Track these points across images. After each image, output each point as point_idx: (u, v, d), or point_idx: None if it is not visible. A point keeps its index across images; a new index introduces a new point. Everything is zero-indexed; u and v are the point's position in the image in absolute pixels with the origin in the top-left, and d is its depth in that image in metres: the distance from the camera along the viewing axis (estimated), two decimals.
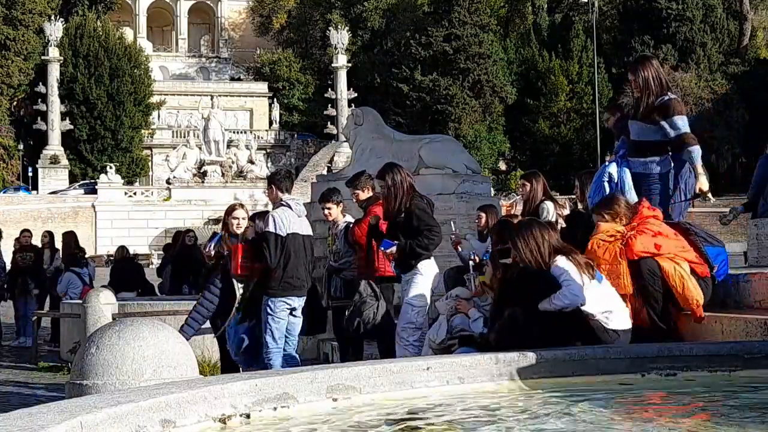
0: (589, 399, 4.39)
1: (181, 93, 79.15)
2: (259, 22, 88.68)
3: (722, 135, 64.29)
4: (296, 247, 8.45)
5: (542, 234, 6.36)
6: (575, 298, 6.13)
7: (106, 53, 66.70)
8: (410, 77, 69.92)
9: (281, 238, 8.31)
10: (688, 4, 69.64)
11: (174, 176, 59.24)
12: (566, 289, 6.12)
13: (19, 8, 67.37)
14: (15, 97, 68.88)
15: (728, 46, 71.89)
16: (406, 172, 8.35)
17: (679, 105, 7.51)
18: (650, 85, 7.46)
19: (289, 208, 8.56)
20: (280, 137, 75.82)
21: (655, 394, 4.60)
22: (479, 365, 4.71)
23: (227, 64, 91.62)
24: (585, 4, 71.86)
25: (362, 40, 75.22)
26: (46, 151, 64.55)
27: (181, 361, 4.86)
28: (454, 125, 67.76)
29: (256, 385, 4.00)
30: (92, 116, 65.74)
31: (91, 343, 4.88)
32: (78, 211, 57.59)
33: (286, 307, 8.40)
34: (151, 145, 72.09)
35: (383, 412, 4.14)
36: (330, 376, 4.29)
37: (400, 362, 4.71)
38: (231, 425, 3.81)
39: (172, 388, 3.83)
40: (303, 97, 77.91)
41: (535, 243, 6.29)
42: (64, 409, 3.25)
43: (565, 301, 6.14)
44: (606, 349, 5.15)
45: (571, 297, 6.13)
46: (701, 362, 4.87)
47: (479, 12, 71.65)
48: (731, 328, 6.25)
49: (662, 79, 7.55)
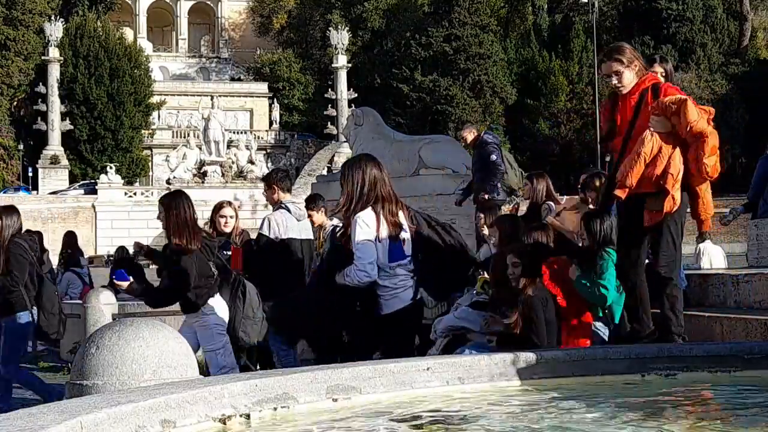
0: (589, 399, 4.39)
1: (181, 93, 79.14)
2: (259, 23, 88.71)
3: (722, 135, 64.13)
4: (293, 250, 8.38)
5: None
6: (362, 276, 5.75)
7: (106, 53, 66.71)
8: (410, 77, 69.94)
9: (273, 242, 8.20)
10: (688, 4, 69.69)
11: (174, 176, 59.22)
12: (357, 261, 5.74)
13: (19, 8, 67.39)
14: (15, 97, 68.91)
15: (728, 47, 71.95)
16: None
17: None
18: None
19: (288, 212, 8.49)
20: (280, 137, 75.83)
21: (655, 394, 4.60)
22: (479, 365, 4.71)
23: (227, 64, 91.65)
24: (585, 4, 71.84)
25: (362, 40, 75.24)
26: (46, 152, 64.55)
27: (181, 362, 4.86)
28: (454, 125, 67.75)
29: (256, 386, 4.00)
30: (92, 116, 65.74)
31: (91, 343, 4.88)
32: (78, 212, 57.59)
33: None
34: (151, 146, 72.09)
35: (383, 412, 4.14)
36: (330, 377, 4.29)
37: (400, 362, 4.71)
38: (231, 425, 3.81)
39: (172, 388, 3.83)
40: (303, 98, 77.93)
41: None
42: (64, 409, 3.25)
43: (347, 278, 5.79)
44: (606, 350, 5.16)
45: (356, 274, 5.75)
46: (701, 363, 4.87)
47: (479, 12, 71.67)
48: (731, 328, 6.26)
49: None
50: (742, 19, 73.98)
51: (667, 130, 6.08)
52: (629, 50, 6.41)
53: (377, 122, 14.75)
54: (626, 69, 6.29)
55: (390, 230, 5.78)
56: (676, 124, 6.05)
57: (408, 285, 5.91)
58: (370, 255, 5.70)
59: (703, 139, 6.01)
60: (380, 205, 5.81)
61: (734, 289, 7.20)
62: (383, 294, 5.86)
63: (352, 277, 5.73)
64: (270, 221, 8.30)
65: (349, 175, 5.92)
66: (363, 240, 5.71)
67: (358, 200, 5.83)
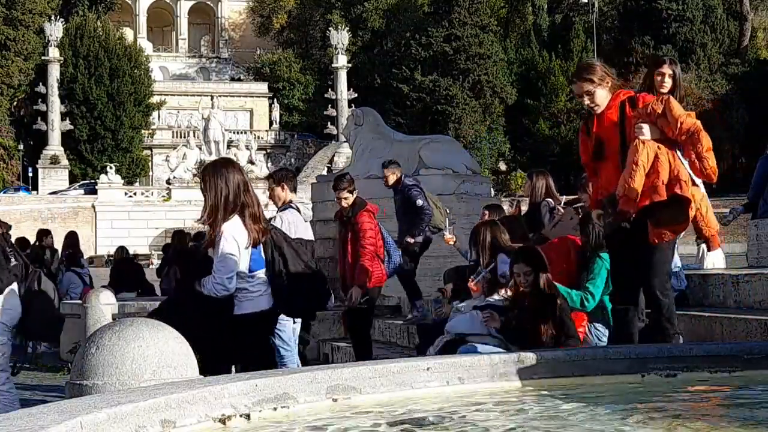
0: (590, 399, 4.39)
1: (182, 93, 79.16)
2: (260, 23, 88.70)
3: (722, 135, 64.25)
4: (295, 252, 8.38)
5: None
6: (220, 289, 5.64)
7: (107, 53, 66.71)
8: (410, 78, 69.93)
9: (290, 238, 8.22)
10: (688, 4, 69.68)
11: (174, 176, 59.27)
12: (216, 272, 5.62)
13: (19, 8, 67.38)
14: (15, 97, 68.90)
15: (728, 47, 71.93)
16: None
17: None
18: None
19: (298, 212, 8.44)
20: (280, 137, 75.84)
21: (655, 394, 4.60)
22: (479, 366, 4.71)
23: (227, 64, 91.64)
24: (585, 4, 71.94)
25: (362, 40, 75.23)
26: (46, 152, 64.56)
27: (181, 362, 4.86)
28: (454, 126, 67.77)
29: (256, 386, 4.00)
30: (92, 116, 65.75)
31: (91, 343, 4.88)
32: (78, 212, 57.59)
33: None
34: (151, 146, 72.10)
35: (383, 412, 4.14)
36: (330, 377, 4.29)
37: (400, 362, 4.71)
38: (231, 425, 3.81)
39: (172, 388, 3.83)
40: (303, 98, 77.93)
41: None
42: (64, 409, 3.25)
43: (204, 288, 5.68)
44: (606, 350, 5.16)
45: (213, 286, 5.65)
46: (701, 363, 4.87)
47: (479, 12, 71.67)
48: (731, 328, 6.26)
49: None
50: (742, 19, 73.96)
51: (656, 137, 5.83)
52: (600, 68, 6.19)
53: (377, 122, 14.76)
54: (598, 88, 6.06)
55: (255, 237, 5.67)
56: (663, 126, 5.81)
57: (264, 291, 5.82)
58: (230, 269, 5.60)
59: (697, 135, 5.77)
60: (246, 212, 5.68)
61: (734, 289, 7.20)
62: (238, 295, 5.76)
63: (209, 288, 5.64)
64: (281, 220, 8.24)
65: (211, 183, 5.71)
66: (226, 253, 5.59)
67: (224, 209, 5.66)
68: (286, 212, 8.33)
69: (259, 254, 5.81)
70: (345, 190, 9.01)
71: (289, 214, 8.30)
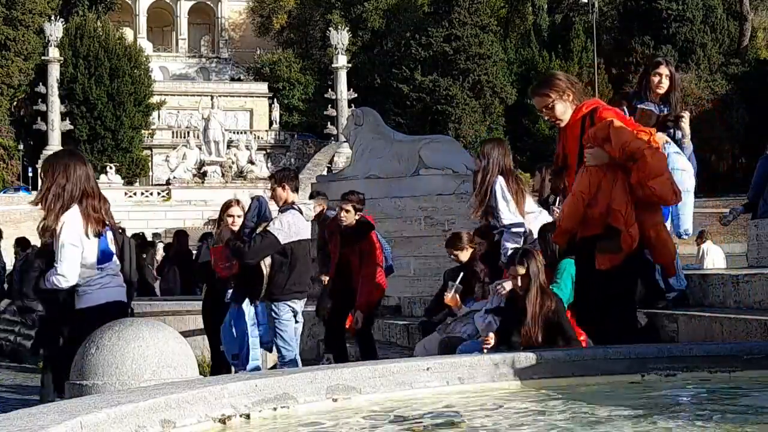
0: (589, 399, 4.39)
1: (182, 93, 79.16)
2: (259, 23, 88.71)
3: (722, 135, 64.31)
4: (303, 252, 8.35)
5: None
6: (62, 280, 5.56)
7: (107, 53, 66.72)
8: (410, 78, 69.93)
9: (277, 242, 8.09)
10: (688, 4, 69.68)
11: (174, 176, 59.22)
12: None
13: (19, 8, 67.39)
14: (15, 97, 68.90)
15: (728, 47, 71.94)
16: None
17: None
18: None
19: (300, 213, 8.43)
20: (280, 137, 75.84)
21: (655, 394, 4.60)
22: (479, 366, 4.71)
23: (227, 64, 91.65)
24: (585, 4, 71.88)
25: (362, 40, 75.23)
26: (46, 152, 64.46)
27: (181, 362, 4.86)
28: (454, 126, 67.77)
29: (256, 386, 4.01)
30: (92, 116, 65.75)
31: (91, 343, 4.88)
32: None
33: (290, 311, 8.34)
34: (151, 146, 72.10)
35: (383, 412, 4.14)
36: (330, 377, 4.29)
37: (400, 363, 4.71)
38: (231, 425, 3.81)
39: (172, 388, 3.83)
40: (303, 98, 77.93)
41: None
42: (64, 409, 3.25)
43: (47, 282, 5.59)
44: (606, 350, 5.15)
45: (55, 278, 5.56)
46: (701, 363, 4.87)
47: (479, 12, 71.68)
48: (731, 328, 6.25)
49: None
50: (742, 20, 73.97)
51: (604, 162, 5.59)
52: (561, 81, 6.02)
53: (377, 122, 14.75)
54: (557, 102, 5.91)
55: (94, 228, 5.62)
56: (609, 151, 5.56)
57: (107, 284, 5.76)
58: (71, 259, 5.53)
59: (642, 161, 5.48)
60: (86, 203, 5.63)
61: (734, 289, 7.20)
62: (80, 289, 5.69)
63: (52, 281, 5.58)
64: (282, 222, 8.18)
65: (51, 173, 5.65)
66: (67, 243, 5.53)
67: (63, 200, 5.60)
68: (285, 213, 8.27)
69: (107, 246, 5.74)
70: (350, 203, 8.94)
71: (289, 215, 8.24)
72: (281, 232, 8.11)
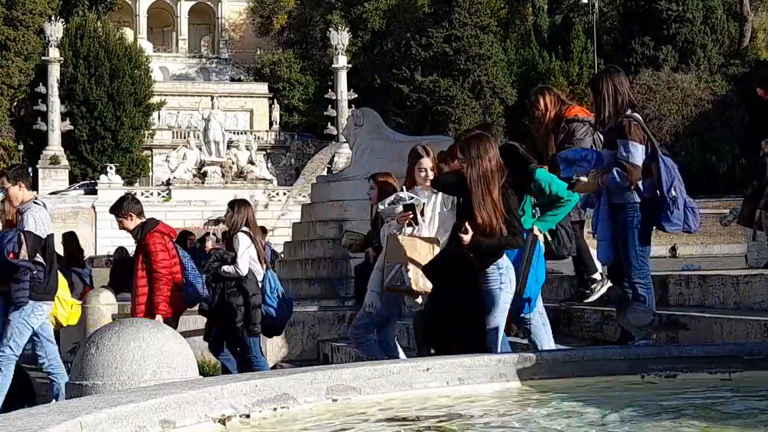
0: (589, 400, 4.39)
1: (182, 94, 79.17)
2: (260, 23, 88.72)
3: (722, 136, 64.32)
4: (52, 249, 8.06)
5: None
6: None
7: (107, 54, 66.76)
8: (410, 78, 69.96)
9: (40, 239, 7.77)
10: (688, 5, 69.70)
11: (174, 177, 59.19)
12: None
13: (20, 8, 67.42)
14: (15, 97, 68.94)
15: (728, 48, 71.95)
16: None
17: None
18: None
19: (44, 208, 7.98)
20: (281, 138, 75.86)
21: (655, 394, 4.60)
22: (479, 366, 4.71)
23: (227, 64, 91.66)
24: (585, 5, 71.95)
25: (362, 41, 75.26)
26: (46, 152, 64.55)
27: (181, 362, 4.86)
28: (454, 126, 67.77)
29: (255, 386, 4.00)
30: (92, 117, 65.79)
31: (91, 343, 4.89)
32: (78, 212, 57.57)
33: (43, 313, 7.93)
34: (152, 146, 72.13)
35: (383, 412, 4.14)
36: (330, 377, 4.29)
37: (400, 363, 4.71)
38: (231, 425, 3.81)
39: (171, 388, 3.83)
40: (303, 98, 77.95)
41: None
42: (64, 409, 3.25)
43: None
44: (606, 350, 5.16)
45: None
46: (701, 363, 4.87)
47: (479, 13, 71.71)
48: (731, 329, 6.26)
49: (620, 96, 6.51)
50: (742, 20, 73.98)
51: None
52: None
53: (377, 123, 14.76)
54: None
55: None
56: None
57: None
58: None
59: None
60: None
61: (734, 289, 7.20)
62: None
63: None
64: (33, 217, 7.80)
65: None
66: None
67: None
68: (33, 210, 7.77)
69: None
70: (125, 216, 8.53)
71: (36, 211, 7.78)
72: (31, 226, 7.73)
